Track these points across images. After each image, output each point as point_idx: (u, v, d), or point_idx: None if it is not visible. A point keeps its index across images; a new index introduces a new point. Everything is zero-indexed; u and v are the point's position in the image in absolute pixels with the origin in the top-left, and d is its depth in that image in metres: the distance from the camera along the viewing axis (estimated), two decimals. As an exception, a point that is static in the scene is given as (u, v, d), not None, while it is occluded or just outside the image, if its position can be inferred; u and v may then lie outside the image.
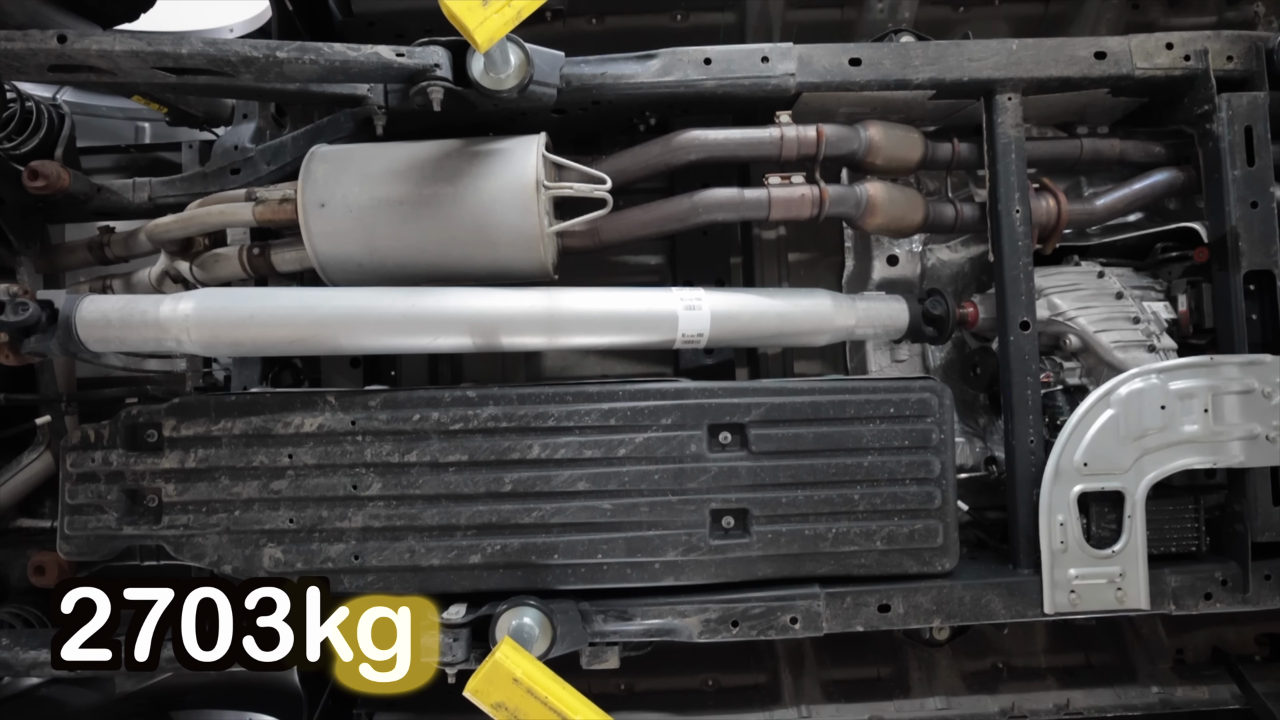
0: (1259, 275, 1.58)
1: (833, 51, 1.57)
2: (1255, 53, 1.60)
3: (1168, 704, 1.91)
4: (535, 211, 1.46)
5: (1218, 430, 1.52)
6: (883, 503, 1.48)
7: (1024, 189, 1.60)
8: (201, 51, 1.37)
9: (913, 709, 1.89)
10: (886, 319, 1.67)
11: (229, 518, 1.45)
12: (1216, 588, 1.56)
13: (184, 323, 1.41)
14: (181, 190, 1.68)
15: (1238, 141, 1.57)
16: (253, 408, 1.46)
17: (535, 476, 1.45)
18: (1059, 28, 2.04)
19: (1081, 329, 1.67)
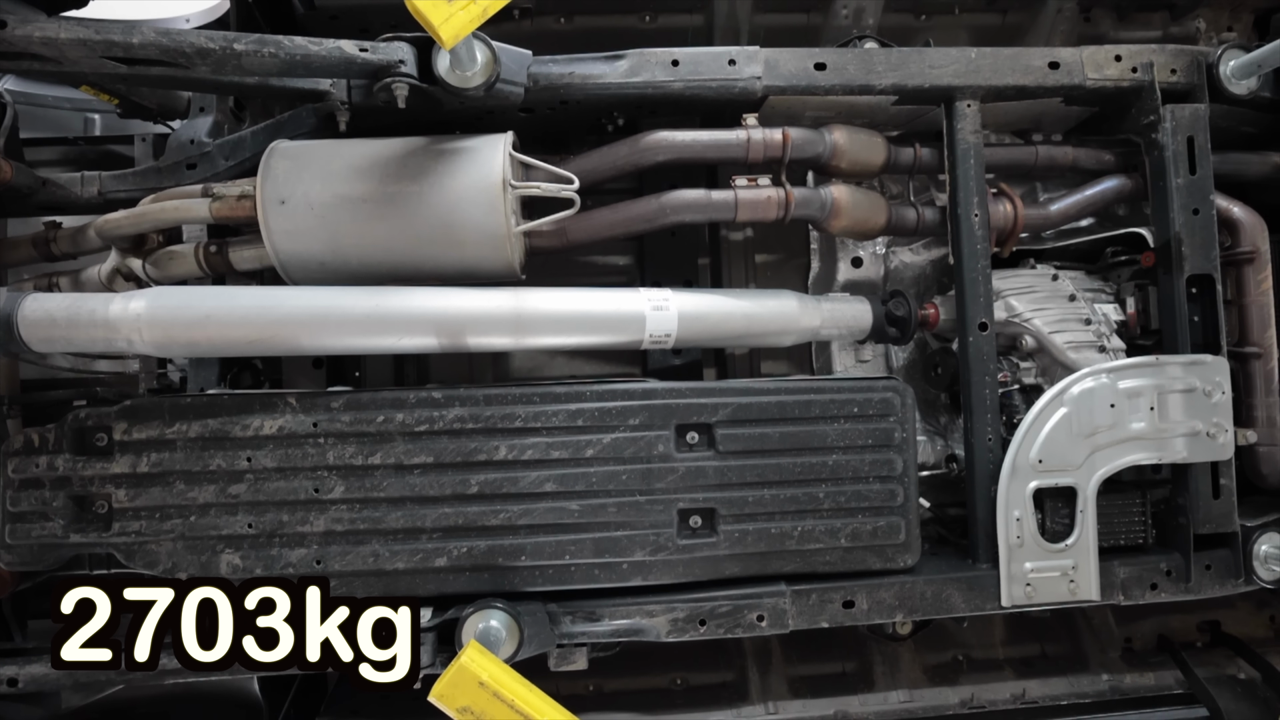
0: (1200, 279, 1.65)
1: (798, 56, 1.59)
2: (1197, 67, 1.67)
3: (1117, 691, 1.98)
4: (502, 211, 1.45)
5: (1163, 427, 1.58)
6: (847, 501, 1.51)
7: (982, 194, 1.64)
8: (154, 42, 1.32)
9: (877, 702, 1.93)
10: (851, 320, 1.70)
11: (184, 523, 1.40)
12: (1161, 578, 1.62)
13: (136, 322, 1.36)
14: (134, 185, 1.62)
15: (1180, 151, 1.64)
16: (209, 410, 1.42)
17: (502, 478, 1.44)
18: (1016, 38, 2.10)
19: (1037, 330, 1.72)
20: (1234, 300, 1.70)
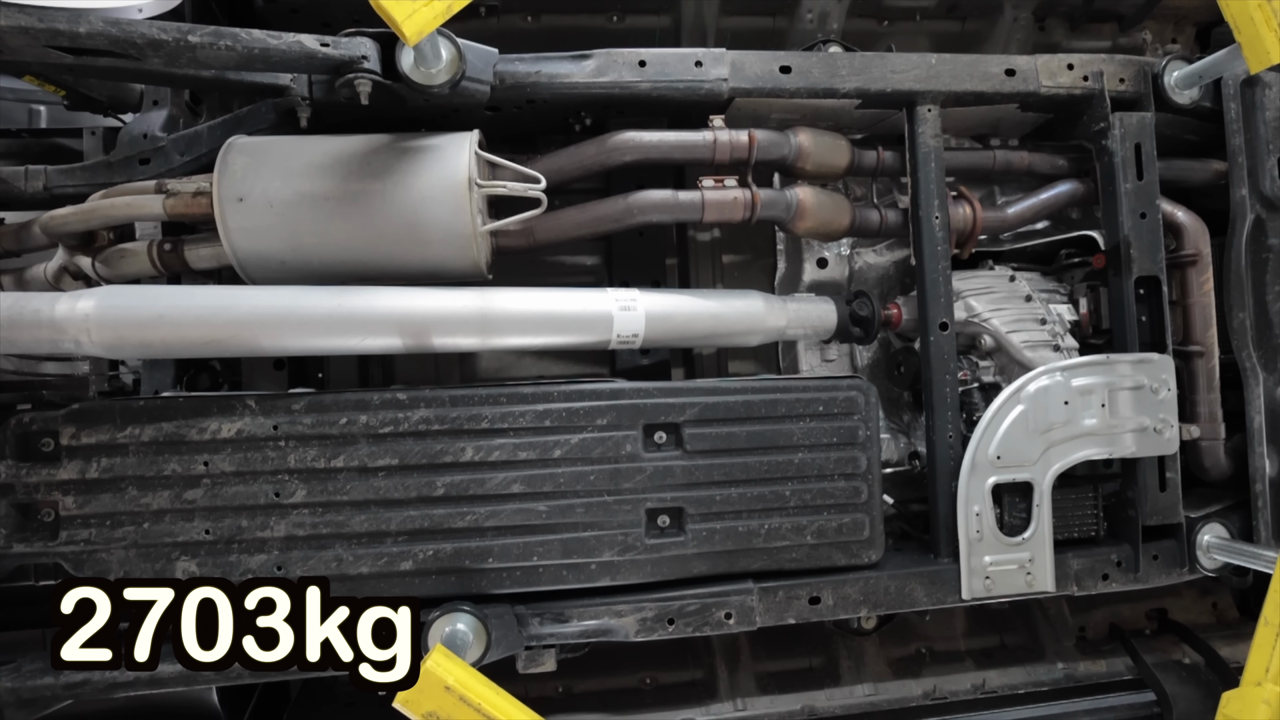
0: (1147, 280, 1.71)
1: (764, 59, 1.61)
2: (1144, 77, 1.74)
3: (1071, 678, 2.05)
4: (468, 210, 1.44)
5: (1113, 423, 1.64)
6: (813, 498, 1.53)
7: (943, 196, 1.68)
8: (102, 31, 1.27)
9: (843, 696, 1.96)
10: (816, 320, 1.72)
11: (137, 530, 1.36)
12: (1112, 569, 1.68)
13: (84, 322, 1.31)
14: (82, 180, 1.56)
15: (1129, 157, 1.70)
16: (164, 413, 1.37)
17: (469, 479, 1.43)
18: (974, 45, 2.16)
19: (995, 330, 1.77)
20: (1178, 301, 1.77)
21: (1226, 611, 2.21)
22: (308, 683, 1.91)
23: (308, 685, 1.91)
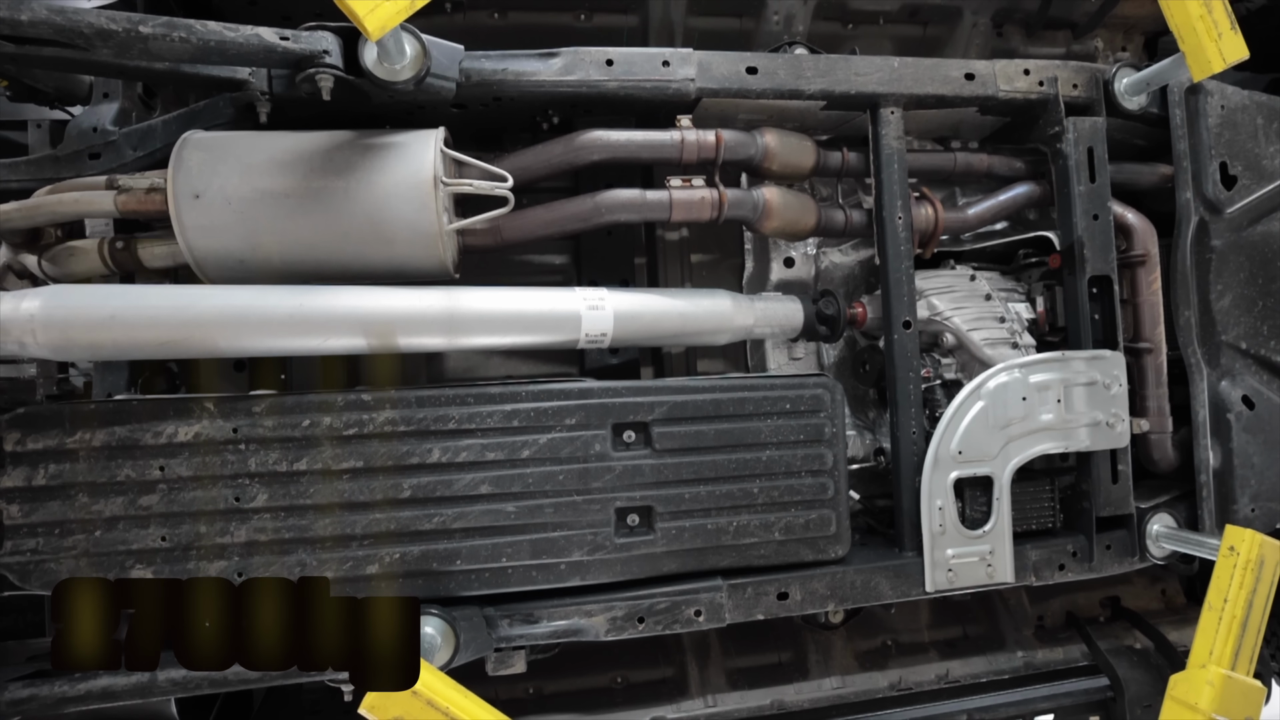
0: (1099, 280, 1.77)
1: (731, 59, 1.62)
2: (1095, 83, 1.80)
3: (1030, 666, 2.12)
4: (434, 208, 1.42)
5: (1069, 418, 1.69)
6: (780, 495, 1.55)
7: (906, 197, 1.72)
8: (46, 20, 1.22)
9: (811, 690, 1.99)
10: (783, 319, 1.74)
11: (88, 539, 1.31)
12: (1068, 559, 1.74)
13: (29, 323, 1.26)
14: (27, 175, 1.50)
15: (1082, 160, 1.76)
16: (116, 417, 1.33)
17: (436, 481, 1.41)
18: (936, 49, 2.20)
19: (956, 328, 1.82)
20: (1129, 299, 1.84)
21: (1174, 598, 2.31)
22: (271, 690, 1.87)
23: (272, 693, 1.87)
